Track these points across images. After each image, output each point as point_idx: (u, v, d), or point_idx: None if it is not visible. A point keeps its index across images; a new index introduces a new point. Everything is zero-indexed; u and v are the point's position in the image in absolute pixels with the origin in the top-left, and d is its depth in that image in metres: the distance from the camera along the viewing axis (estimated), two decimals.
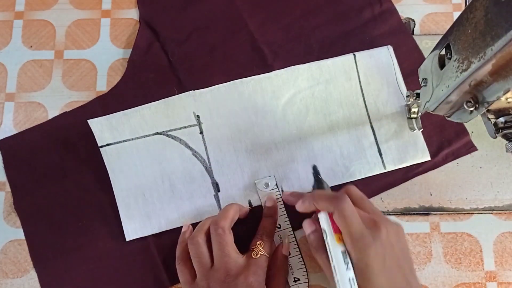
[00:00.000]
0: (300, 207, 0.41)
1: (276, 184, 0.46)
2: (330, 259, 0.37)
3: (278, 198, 0.46)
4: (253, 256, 0.41)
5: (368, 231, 0.37)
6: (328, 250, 0.38)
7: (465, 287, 0.45)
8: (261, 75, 0.49)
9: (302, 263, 0.45)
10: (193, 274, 0.41)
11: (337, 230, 0.38)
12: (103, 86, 0.51)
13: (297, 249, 0.45)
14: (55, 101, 0.50)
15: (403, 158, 0.47)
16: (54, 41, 0.52)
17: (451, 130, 0.48)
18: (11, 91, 0.51)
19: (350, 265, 0.36)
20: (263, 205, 0.46)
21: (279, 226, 0.45)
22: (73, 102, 0.50)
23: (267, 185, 0.46)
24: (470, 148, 0.48)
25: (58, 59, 0.52)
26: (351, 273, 0.36)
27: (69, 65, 0.52)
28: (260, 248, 0.42)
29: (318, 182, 0.44)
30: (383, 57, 0.49)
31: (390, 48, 0.49)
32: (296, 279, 0.44)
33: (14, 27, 0.53)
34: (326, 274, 0.40)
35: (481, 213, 0.47)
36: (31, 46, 0.52)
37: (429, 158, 0.47)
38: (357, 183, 0.46)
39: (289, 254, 0.45)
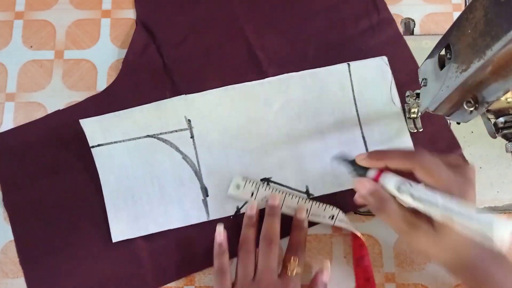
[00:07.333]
0: (362, 161, 0.39)
1: (248, 181, 0.45)
2: (429, 212, 0.36)
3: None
4: (288, 274, 0.41)
5: (456, 175, 0.37)
6: (421, 205, 0.36)
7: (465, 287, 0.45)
8: (254, 82, 0.48)
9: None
10: (230, 285, 0.42)
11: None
12: (103, 86, 0.50)
13: None
14: (55, 101, 0.50)
15: None
16: (54, 41, 0.52)
17: (443, 143, 0.47)
18: (11, 91, 0.51)
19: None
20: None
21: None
22: (74, 102, 0.50)
23: (238, 186, 0.46)
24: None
25: (58, 59, 0.52)
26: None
27: (69, 65, 0.52)
28: (295, 265, 0.41)
29: (359, 167, 0.39)
30: (378, 68, 0.48)
31: (385, 58, 0.48)
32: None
33: (14, 27, 0.53)
34: (395, 227, 0.38)
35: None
36: (31, 46, 0.52)
37: None
38: (348, 192, 0.45)
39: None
